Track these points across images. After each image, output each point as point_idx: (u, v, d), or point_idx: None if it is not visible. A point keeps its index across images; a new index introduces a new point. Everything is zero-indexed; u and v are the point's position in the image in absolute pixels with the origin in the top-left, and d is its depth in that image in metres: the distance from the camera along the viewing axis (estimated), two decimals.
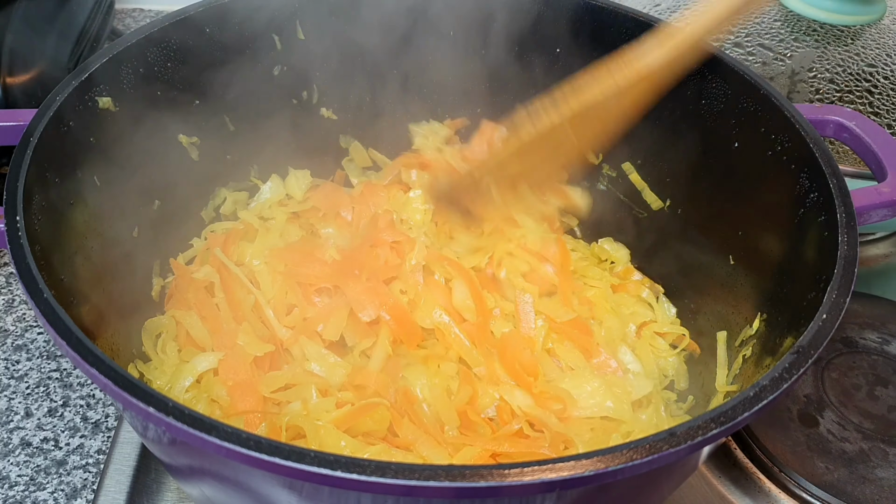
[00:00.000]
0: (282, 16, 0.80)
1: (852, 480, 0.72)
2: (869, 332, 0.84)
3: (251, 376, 0.70)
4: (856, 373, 0.81)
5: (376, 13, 0.83)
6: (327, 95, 0.88)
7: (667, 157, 0.82)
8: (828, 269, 0.57)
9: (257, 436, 0.43)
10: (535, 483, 0.42)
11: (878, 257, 0.99)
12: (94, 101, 0.68)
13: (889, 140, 0.71)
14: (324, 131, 0.90)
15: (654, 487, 0.59)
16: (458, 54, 0.86)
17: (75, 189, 0.65)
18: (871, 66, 0.99)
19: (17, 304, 0.91)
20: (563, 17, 0.81)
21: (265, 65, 0.82)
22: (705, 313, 0.80)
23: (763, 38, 1.02)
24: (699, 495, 0.74)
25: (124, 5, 1.41)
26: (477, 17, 0.83)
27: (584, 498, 0.49)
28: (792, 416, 0.77)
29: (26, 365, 0.85)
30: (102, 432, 0.79)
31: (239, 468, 0.48)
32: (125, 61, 0.71)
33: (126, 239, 0.73)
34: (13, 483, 0.75)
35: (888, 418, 0.77)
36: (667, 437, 0.44)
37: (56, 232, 0.61)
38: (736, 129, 0.73)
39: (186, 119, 0.79)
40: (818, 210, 0.62)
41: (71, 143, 0.65)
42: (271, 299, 0.77)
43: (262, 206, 0.88)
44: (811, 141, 0.65)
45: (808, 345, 0.51)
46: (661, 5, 1.11)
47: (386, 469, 0.41)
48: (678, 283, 0.84)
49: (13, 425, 0.80)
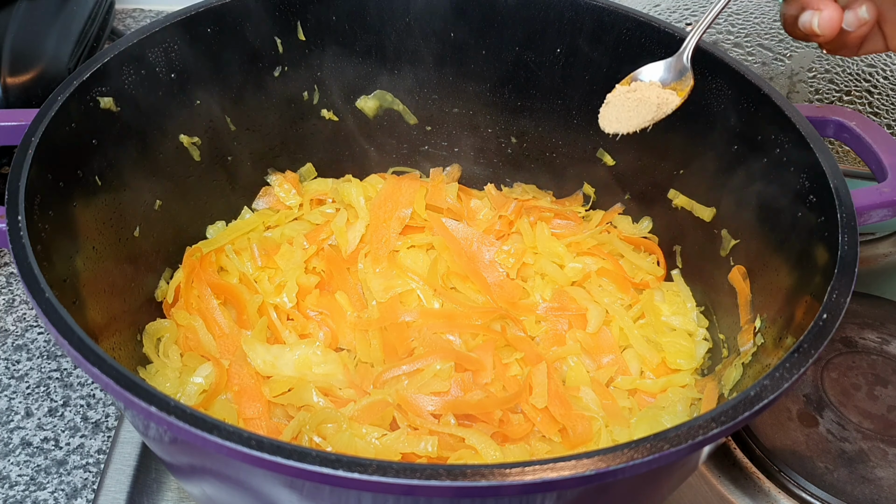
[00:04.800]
0: (282, 16, 0.81)
1: (852, 480, 0.72)
2: (869, 332, 0.84)
3: (256, 381, 0.71)
4: (855, 373, 0.81)
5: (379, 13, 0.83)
6: (328, 97, 0.88)
7: (667, 158, 0.82)
8: (828, 269, 0.57)
9: (259, 435, 0.43)
10: (536, 482, 0.42)
11: (878, 257, 0.99)
12: (95, 101, 0.68)
13: (889, 140, 0.71)
14: (324, 132, 0.90)
15: (655, 487, 0.59)
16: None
17: (76, 189, 0.65)
18: (870, 66, 0.99)
19: (18, 304, 0.91)
20: (564, 18, 0.81)
21: (266, 65, 0.82)
22: (706, 314, 0.81)
23: (763, 39, 1.02)
24: (699, 495, 0.74)
25: (124, 5, 1.41)
26: (476, 15, 0.83)
27: (584, 498, 0.49)
28: (792, 416, 0.77)
29: (27, 365, 0.85)
30: (103, 432, 0.79)
31: (240, 467, 0.48)
32: (126, 61, 0.71)
33: (127, 239, 0.73)
34: (13, 483, 0.75)
35: (888, 418, 0.77)
36: (667, 437, 0.44)
37: (57, 232, 0.61)
38: (736, 130, 0.73)
39: (188, 119, 0.79)
40: (818, 210, 0.63)
41: (72, 143, 0.65)
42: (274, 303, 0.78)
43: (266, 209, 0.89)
44: (811, 141, 0.65)
45: (808, 345, 0.51)
46: (661, 5, 1.11)
47: (387, 468, 0.41)
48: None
49: (13, 425, 0.80)
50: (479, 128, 0.92)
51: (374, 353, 0.76)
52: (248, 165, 0.87)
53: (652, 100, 0.71)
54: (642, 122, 0.71)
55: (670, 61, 0.72)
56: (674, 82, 0.71)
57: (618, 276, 0.83)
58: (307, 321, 0.78)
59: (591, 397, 0.73)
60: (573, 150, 0.89)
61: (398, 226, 0.86)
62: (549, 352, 0.77)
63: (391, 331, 0.77)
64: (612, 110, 0.73)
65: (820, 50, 0.92)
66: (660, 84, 0.71)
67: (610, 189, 0.89)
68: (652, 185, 0.85)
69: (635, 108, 0.71)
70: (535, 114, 0.88)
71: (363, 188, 0.89)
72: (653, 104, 0.71)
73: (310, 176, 0.92)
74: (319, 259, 0.84)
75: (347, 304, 0.80)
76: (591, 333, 0.79)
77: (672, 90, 0.71)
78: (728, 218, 0.77)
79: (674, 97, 0.70)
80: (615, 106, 0.72)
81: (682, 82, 0.70)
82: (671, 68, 0.71)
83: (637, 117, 0.71)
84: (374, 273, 0.82)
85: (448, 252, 0.84)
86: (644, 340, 0.78)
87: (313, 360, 0.73)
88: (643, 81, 0.72)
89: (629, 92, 0.72)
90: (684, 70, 0.71)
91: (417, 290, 0.81)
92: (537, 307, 0.81)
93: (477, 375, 0.73)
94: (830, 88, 0.97)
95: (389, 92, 0.89)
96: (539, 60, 0.84)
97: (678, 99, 0.70)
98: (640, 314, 0.81)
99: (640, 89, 0.72)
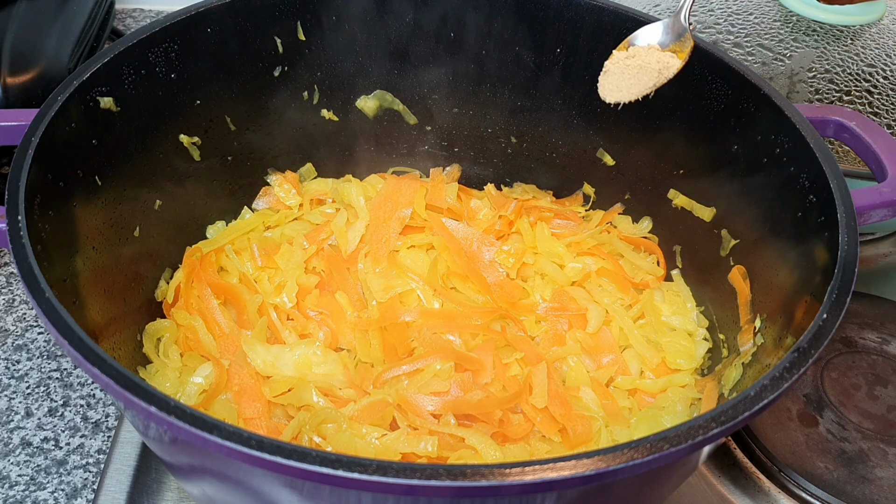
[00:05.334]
0: (282, 16, 0.81)
1: (852, 480, 0.72)
2: (868, 332, 0.84)
3: (256, 381, 0.71)
4: (855, 373, 0.81)
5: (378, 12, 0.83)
6: (328, 97, 0.88)
7: (667, 158, 0.82)
8: (828, 268, 0.57)
9: (259, 435, 0.43)
10: (536, 482, 0.42)
11: (878, 257, 0.99)
12: (95, 101, 0.68)
13: (889, 140, 0.71)
14: (324, 132, 0.90)
15: (655, 487, 0.59)
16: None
17: (76, 189, 0.65)
18: (870, 66, 0.99)
19: (18, 304, 0.91)
20: (564, 18, 0.81)
21: (266, 65, 0.82)
22: (706, 314, 0.81)
23: (763, 39, 1.02)
24: (699, 495, 0.74)
25: (124, 5, 1.41)
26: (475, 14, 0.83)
27: (584, 497, 0.49)
28: (792, 416, 0.77)
29: (27, 365, 0.85)
30: (103, 432, 0.80)
31: (240, 467, 0.48)
32: (126, 61, 0.71)
33: (127, 239, 0.73)
34: (13, 483, 0.75)
35: (887, 418, 0.77)
36: (667, 437, 0.44)
37: (57, 232, 0.61)
38: (736, 130, 0.73)
39: (187, 119, 0.79)
40: (818, 210, 0.63)
41: (72, 143, 0.65)
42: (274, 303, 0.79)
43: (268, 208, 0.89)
44: (811, 141, 0.65)
45: (808, 345, 0.51)
46: (661, 5, 1.11)
47: (387, 468, 0.41)
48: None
49: (13, 425, 0.80)
50: (478, 128, 0.92)
51: (374, 353, 0.76)
52: (248, 165, 0.87)
53: (652, 65, 0.68)
54: (644, 89, 0.68)
55: (667, 22, 0.69)
56: (673, 44, 0.68)
57: (618, 276, 0.83)
58: (307, 321, 0.78)
59: (591, 397, 0.73)
60: (573, 150, 0.89)
61: (398, 226, 0.86)
62: (549, 352, 0.77)
63: (391, 331, 0.77)
64: (611, 79, 0.70)
65: (820, 48, 0.92)
66: (658, 47, 0.68)
67: (610, 189, 0.89)
68: (652, 185, 0.85)
69: (635, 74, 0.68)
70: (535, 114, 0.88)
71: (363, 188, 0.89)
72: (653, 69, 0.68)
73: (310, 176, 0.92)
74: (319, 259, 0.84)
75: (347, 304, 0.80)
76: (591, 333, 0.79)
77: (672, 52, 0.68)
78: (728, 218, 0.77)
79: (674, 60, 0.67)
80: (614, 74, 0.70)
81: (681, 43, 0.67)
82: (669, 30, 0.69)
83: (638, 84, 0.68)
84: (374, 273, 0.82)
85: (448, 252, 0.84)
86: (644, 340, 0.78)
87: (313, 360, 0.73)
88: (641, 46, 0.69)
89: (628, 58, 0.69)
90: (683, 31, 0.68)
91: (417, 290, 0.81)
92: (537, 307, 0.81)
93: (477, 375, 0.73)
94: (830, 88, 0.97)
95: (389, 92, 0.89)
96: (539, 60, 0.84)
97: (679, 62, 0.67)
98: (640, 314, 0.81)
99: (639, 54, 0.68)
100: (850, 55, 1.00)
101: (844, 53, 1.00)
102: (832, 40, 1.01)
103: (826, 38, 1.01)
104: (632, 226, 0.88)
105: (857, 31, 1.03)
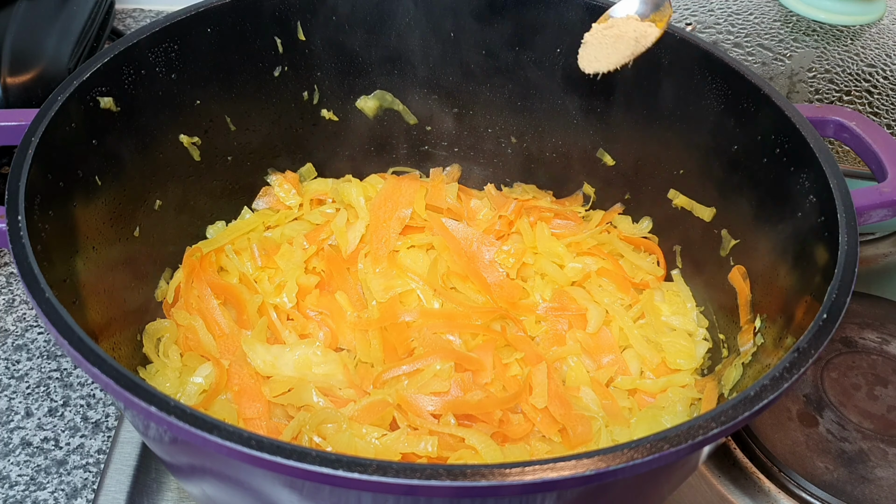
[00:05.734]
0: (282, 16, 0.81)
1: (852, 480, 0.72)
2: (869, 332, 0.84)
3: (256, 382, 0.71)
4: (855, 373, 0.81)
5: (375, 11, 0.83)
6: (328, 97, 0.88)
7: (667, 158, 0.82)
8: (828, 269, 0.57)
9: (259, 435, 0.43)
10: (536, 482, 0.42)
11: (878, 257, 0.99)
12: (95, 101, 0.68)
13: (889, 140, 0.71)
14: (325, 132, 0.90)
15: (654, 487, 0.59)
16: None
17: (76, 189, 0.65)
18: (870, 66, 0.99)
19: (18, 304, 0.91)
20: (564, 18, 0.81)
21: (266, 65, 0.82)
22: (706, 314, 0.81)
23: (763, 39, 1.02)
24: (699, 495, 0.74)
25: (124, 5, 1.41)
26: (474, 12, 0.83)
27: (584, 497, 0.49)
28: (792, 416, 0.77)
29: (27, 365, 0.85)
30: (103, 432, 0.80)
31: (240, 467, 0.48)
32: (126, 61, 0.71)
33: (127, 239, 0.73)
34: (13, 483, 0.75)
35: (887, 418, 0.77)
36: (667, 437, 0.44)
37: (57, 232, 0.61)
38: (736, 130, 0.73)
39: (187, 119, 0.79)
40: (818, 210, 0.63)
41: (72, 143, 0.65)
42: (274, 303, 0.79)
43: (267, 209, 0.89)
44: (811, 141, 0.65)
45: (808, 345, 0.51)
46: None
47: (387, 468, 0.41)
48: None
49: (13, 425, 0.80)
50: (478, 128, 0.92)
51: (374, 353, 0.76)
52: (248, 165, 0.87)
53: (629, 34, 0.68)
54: (622, 59, 0.69)
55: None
56: (652, 14, 0.68)
57: (618, 276, 0.83)
58: (307, 321, 0.78)
59: (591, 397, 0.73)
60: (573, 150, 0.89)
61: (398, 226, 0.86)
62: (549, 352, 0.77)
63: (391, 331, 0.77)
64: (589, 49, 0.70)
65: (820, 48, 0.92)
66: (637, 17, 0.68)
67: (610, 189, 0.89)
68: (652, 185, 0.85)
69: (612, 44, 0.68)
70: (535, 114, 0.88)
71: (363, 188, 0.89)
72: (630, 39, 0.68)
73: (310, 176, 0.92)
74: (319, 259, 0.84)
75: (347, 304, 0.80)
76: (591, 333, 0.79)
77: (650, 22, 0.68)
78: (728, 218, 0.77)
79: (652, 29, 0.67)
80: (593, 45, 0.70)
81: (660, 13, 0.67)
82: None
83: (615, 54, 0.68)
84: (374, 273, 0.82)
85: (448, 252, 0.84)
86: (644, 340, 0.78)
87: (313, 360, 0.73)
88: (619, 16, 0.69)
89: (606, 29, 0.69)
90: (661, 0, 0.68)
91: (417, 290, 0.81)
92: (537, 307, 0.81)
93: (477, 375, 0.73)
94: (830, 88, 0.97)
95: (389, 92, 0.89)
96: (539, 60, 0.84)
97: (657, 30, 0.67)
98: (640, 314, 0.81)
99: (617, 25, 0.69)
100: (850, 55, 1.00)
101: (844, 53, 1.00)
102: (832, 40, 1.01)
103: (826, 38, 1.01)
104: (632, 226, 0.88)
105: (857, 31, 1.03)
